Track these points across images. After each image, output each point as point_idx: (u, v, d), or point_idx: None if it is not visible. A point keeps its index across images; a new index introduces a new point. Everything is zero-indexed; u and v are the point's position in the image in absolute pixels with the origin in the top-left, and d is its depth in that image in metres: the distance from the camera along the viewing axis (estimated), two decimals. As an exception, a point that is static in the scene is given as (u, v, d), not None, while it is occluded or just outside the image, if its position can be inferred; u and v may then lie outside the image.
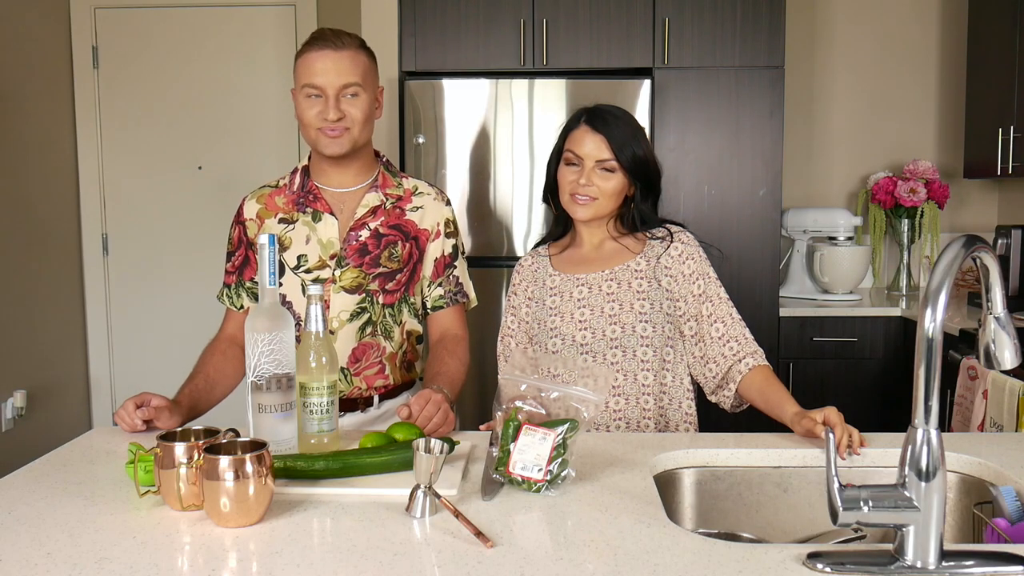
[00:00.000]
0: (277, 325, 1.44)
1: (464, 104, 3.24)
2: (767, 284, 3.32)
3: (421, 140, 3.25)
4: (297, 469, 1.35)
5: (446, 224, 1.94)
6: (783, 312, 3.37)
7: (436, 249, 1.92)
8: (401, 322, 1.90)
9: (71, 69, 4.19)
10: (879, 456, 1.52)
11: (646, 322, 1.81)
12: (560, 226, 1.96)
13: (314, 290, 1.47)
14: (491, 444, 1.46)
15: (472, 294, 2.00)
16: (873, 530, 1.41)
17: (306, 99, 1.80)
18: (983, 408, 2.58)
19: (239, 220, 1.95)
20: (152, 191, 4.26)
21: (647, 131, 3.19)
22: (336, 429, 1.50)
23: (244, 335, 1.46)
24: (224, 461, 1.18)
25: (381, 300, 1.87)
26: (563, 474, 1.34)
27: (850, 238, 3.64)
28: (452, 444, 1.38)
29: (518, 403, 1.43)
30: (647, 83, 3.21)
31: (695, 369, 1.85)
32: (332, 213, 1.88)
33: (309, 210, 1.89)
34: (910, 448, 1.07)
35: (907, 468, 1.07)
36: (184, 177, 4.25)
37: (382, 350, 1.88)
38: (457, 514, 1.19)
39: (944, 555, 1.07)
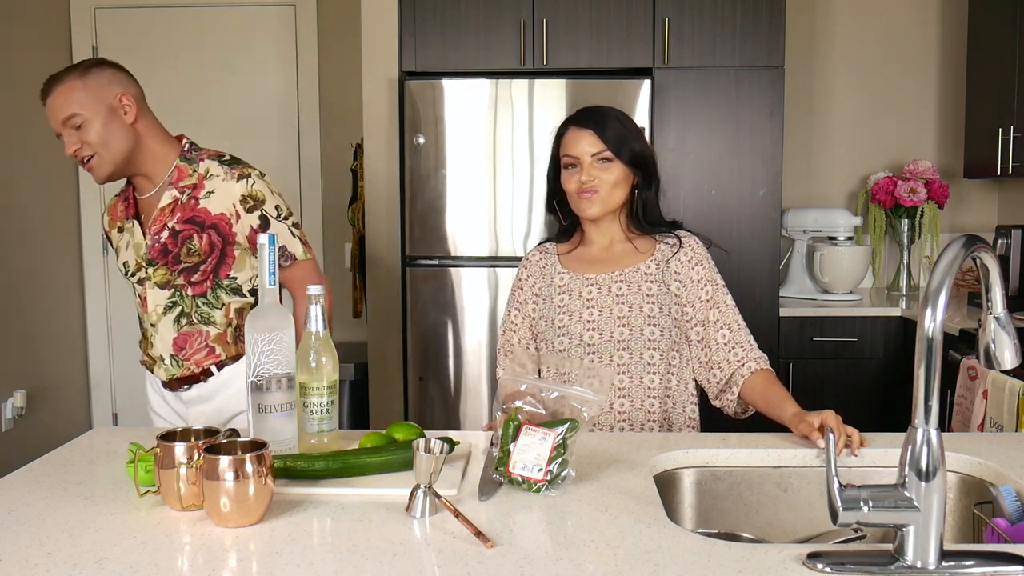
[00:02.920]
0: (277, 325, 1.44)
1: (464, 104, 3.24)
2: (767, 284, 3.32)
3: (421, 140, 3.25)
4: (297, 469, 1.35)
5: (242, 201, 1.93)
6: (783, 312, 3.37)
7: (244, 228, 1.94)
8: (222, 305, 1.95)
9: (71, 69, 4.19)
10: (879, 456, 1.52)
11: (654, 326, 1.81)
12: (567, 225, 1.96)
13: (314, 290, 1.47)
14: (491, 444, 1.46)
15: (298, 250, 1.98)
16: (873, 530, 1.41)
17: None
18: (983, 408, 2.58)
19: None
20: (152, 191, 4.26)
21: (647, 131, 3.20)
22: (336, 429, 1.51)
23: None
24: (224, 461, 1.18)
25: (190, 292, 1.95)
26: (563, 474, 1.34)
27: (850, 238, 3.64)
28: (452, 444, 1.38)
29: (518, 403, 1.43)
30: (647, 83, 3.21)
31: (699, 374, 1.85)
32: (139, 218, 1.99)
33: (131, 218, 2.00)
34: (910, 448, 1.07)
35: (907, 468, 1.07)
36: (184, 177, 4.24)
37: (205, 335, 1.96)
38: (457, 514, 1.19)
39: (944, 555, 1.07)
